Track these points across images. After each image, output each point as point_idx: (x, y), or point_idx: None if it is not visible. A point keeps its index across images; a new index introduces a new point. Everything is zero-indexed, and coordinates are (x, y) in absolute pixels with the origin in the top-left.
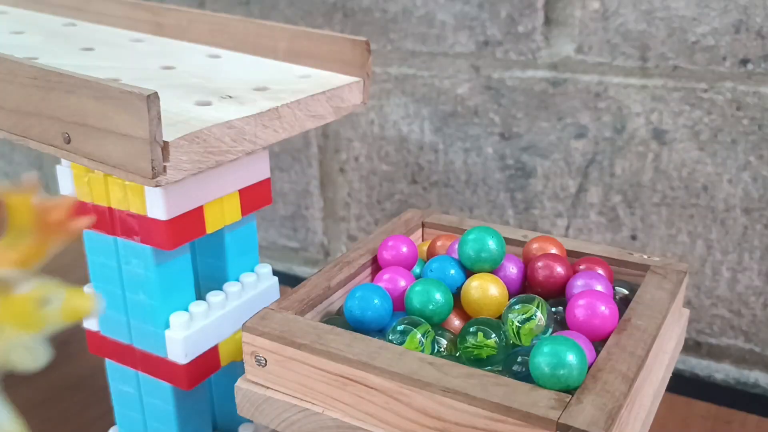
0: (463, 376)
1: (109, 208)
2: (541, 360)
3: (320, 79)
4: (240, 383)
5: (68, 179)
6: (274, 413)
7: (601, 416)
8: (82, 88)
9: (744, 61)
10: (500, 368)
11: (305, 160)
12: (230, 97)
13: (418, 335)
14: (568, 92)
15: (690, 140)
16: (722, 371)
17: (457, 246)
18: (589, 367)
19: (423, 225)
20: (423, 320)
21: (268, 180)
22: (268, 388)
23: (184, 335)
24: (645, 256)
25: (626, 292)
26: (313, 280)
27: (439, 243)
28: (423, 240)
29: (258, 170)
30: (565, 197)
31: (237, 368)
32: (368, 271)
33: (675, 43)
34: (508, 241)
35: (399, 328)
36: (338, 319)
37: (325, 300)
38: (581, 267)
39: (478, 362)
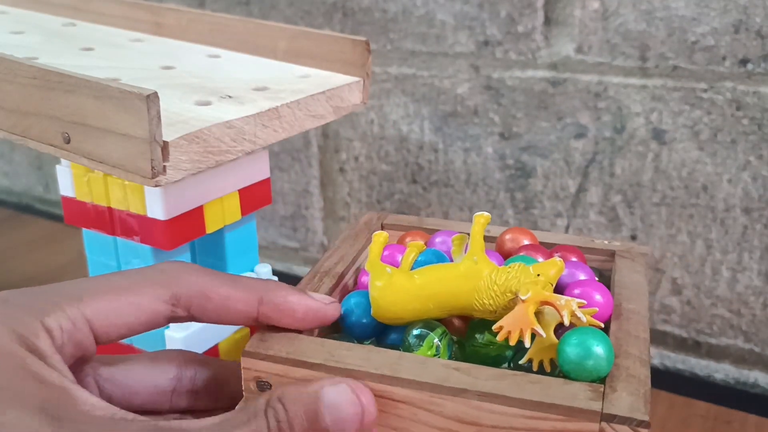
0: (494, 378)
1: (109, 208)
2: (570, 352)
3: (320, 78)
4: None
5: (68, 179)
6: None
7: (639, 401)
8: (82, 88)
9: (744, 61)
10: (508, 365)
11: (305, 160)
12: (230, 96)
13: (435, 339)
14: (568, 92)
15: (690, 140)
16: (722, 371)
17: (437, 241)
18: None
19: (383, 227)
20: (438, 323)
21: (267, 180)
22: None
23: (184, 335)
24: (606, 242)
25: (596, 278)
26: None
27: (408, 239)
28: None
29: (258, 170)
30: (565, 197)
31: None
32: (347, 277)
33: (675, 43)
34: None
35: (415, 332)
36: (334, 333)
37: None
38: (557, 255)
39: (488, 360)
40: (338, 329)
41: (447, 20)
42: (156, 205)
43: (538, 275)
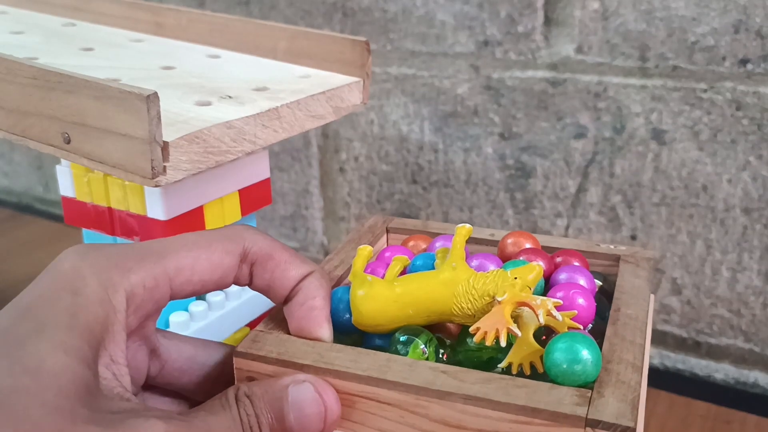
0: (481, 382)
1: (109, 208)
2: (557, 357)
3: (320, 79)
4: None
5: (68, 179)
6: None
7: (626, 407)
8: (82, 88)
9: (743, 61)
10: (500, 370)
11: (305, 160)
12: (230, 97)
13: (421, 345)
14: (568, 92)
15: (689, 140)
16: (722, 371)
17: (438, 245)
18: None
19: (387, 230)
20: (423, 329)
21: (267, 180)
22: None
23: (186, 333)
24: (611, 246)
25: (600, 282)
26: None
27: (411, 243)
28: (388, 245)
29: (258, 170)
30: (565, 197)
31: None
32: (346, 281)
33: (674, 43)
34: (477, 241)
35: (401, 338)
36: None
37: None
38: (558, 260)
39: (479, 365)
40: None
41: (447, 20)
42: (156, 205)
43: (516, 278)
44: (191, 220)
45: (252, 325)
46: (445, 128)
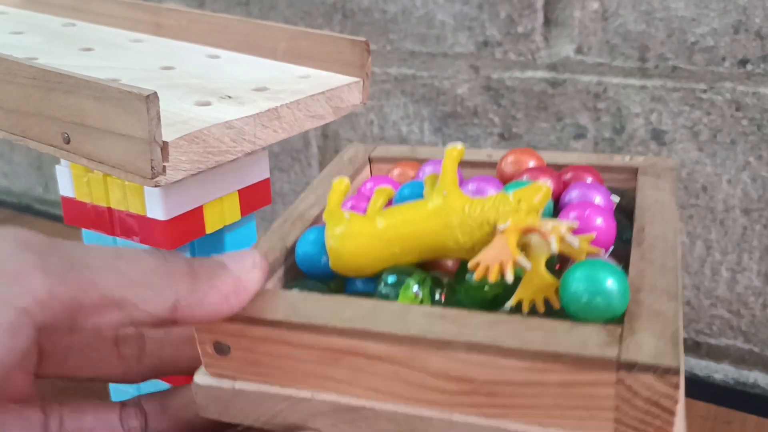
0: (486, 326)
1: (109, 209)
2: (577, 289)
3: (319, 79)
4: (198, 379)
5: (68, 179)
6: (248, 408)
7: (666, 344)
8: (82, 88)
9: (743, 62)
10: (509, 309)
11: (305, 160)
12: (230, 97)
13: (413, 286)
14: (568, 93)
15: (689, 141)
16: (721, 371)
17: (428, 170)
18: None
19: (370, 160)
20: (414, 268)
21: (267, 180)
22: (236, 379)
23: None
24: (627, 158)
25: (618, 199)
26: (264, 242)
27: (397, 172)
28: (372, 176)
29: (257, 170)
30: None
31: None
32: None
33: (674, 44)
34: (472, 164)
35: (389, 280)
36: (305, 281)
37: (282, 264)
38: (567, 176)
39: (483, 305)
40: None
41: (447, 21)
42: (156, 206)
43: (520, 202)
44: (191, 221)
45: None
46: (444, 129)
